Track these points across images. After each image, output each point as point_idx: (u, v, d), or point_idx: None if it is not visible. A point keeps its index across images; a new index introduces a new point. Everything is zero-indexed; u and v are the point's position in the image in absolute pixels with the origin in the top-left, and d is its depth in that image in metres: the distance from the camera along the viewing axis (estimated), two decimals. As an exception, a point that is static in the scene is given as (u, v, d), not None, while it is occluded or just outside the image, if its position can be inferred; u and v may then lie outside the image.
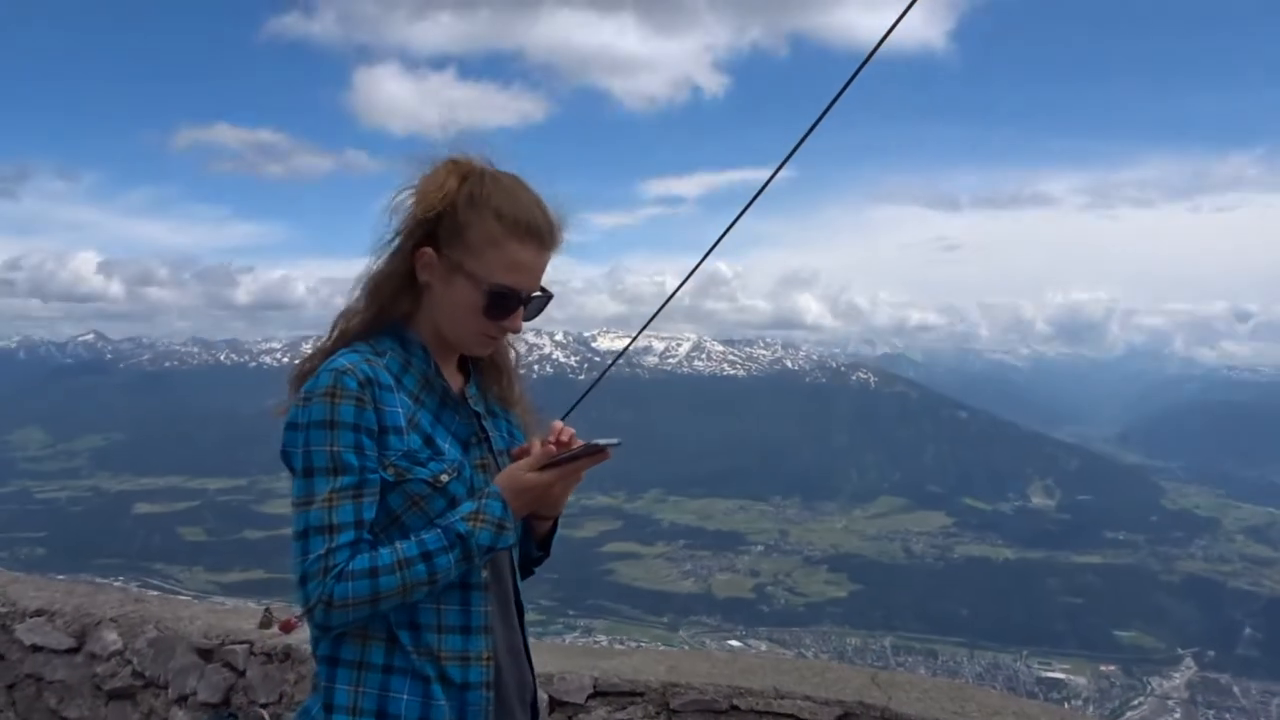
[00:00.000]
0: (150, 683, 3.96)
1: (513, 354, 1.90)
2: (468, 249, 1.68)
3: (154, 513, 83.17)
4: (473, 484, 1.69)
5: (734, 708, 3.15)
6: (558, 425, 1.73)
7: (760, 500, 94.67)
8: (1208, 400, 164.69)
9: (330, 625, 1.60)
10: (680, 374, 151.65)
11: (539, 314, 1.79)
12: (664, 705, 3.21)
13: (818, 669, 3.38)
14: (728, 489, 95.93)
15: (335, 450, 1.58)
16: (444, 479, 1.64)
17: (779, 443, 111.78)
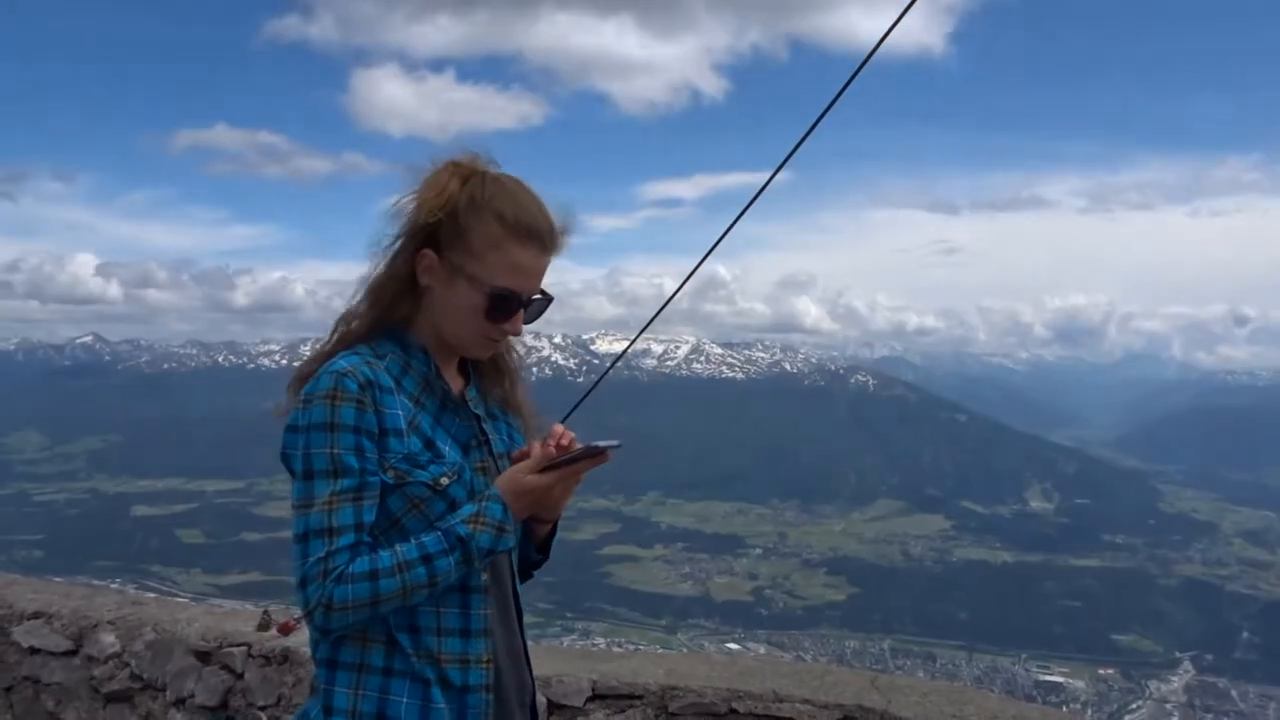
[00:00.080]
0: (148, 685, 3.96)
1: (515, 357, 1.90)
2: (469, 251, 1.68)
3: (152, 515, 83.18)
4: (473, 487, 1.69)
5: (733, 711, 3.14)
6: (558, 429, 1.73)
7: (759, 503, 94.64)
8: (1205, 404, 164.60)
9: (330, 628, 1.59)
10: (679, 376, 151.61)
11: (539, 317, 1.79)
12: (662, 708, 3.21)
13: (817, 672, 3.37)
14: (726, 492, 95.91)
15: (335, 453, 1.58)
16: (444, 482, 1.64)
17: (777, 445, 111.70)
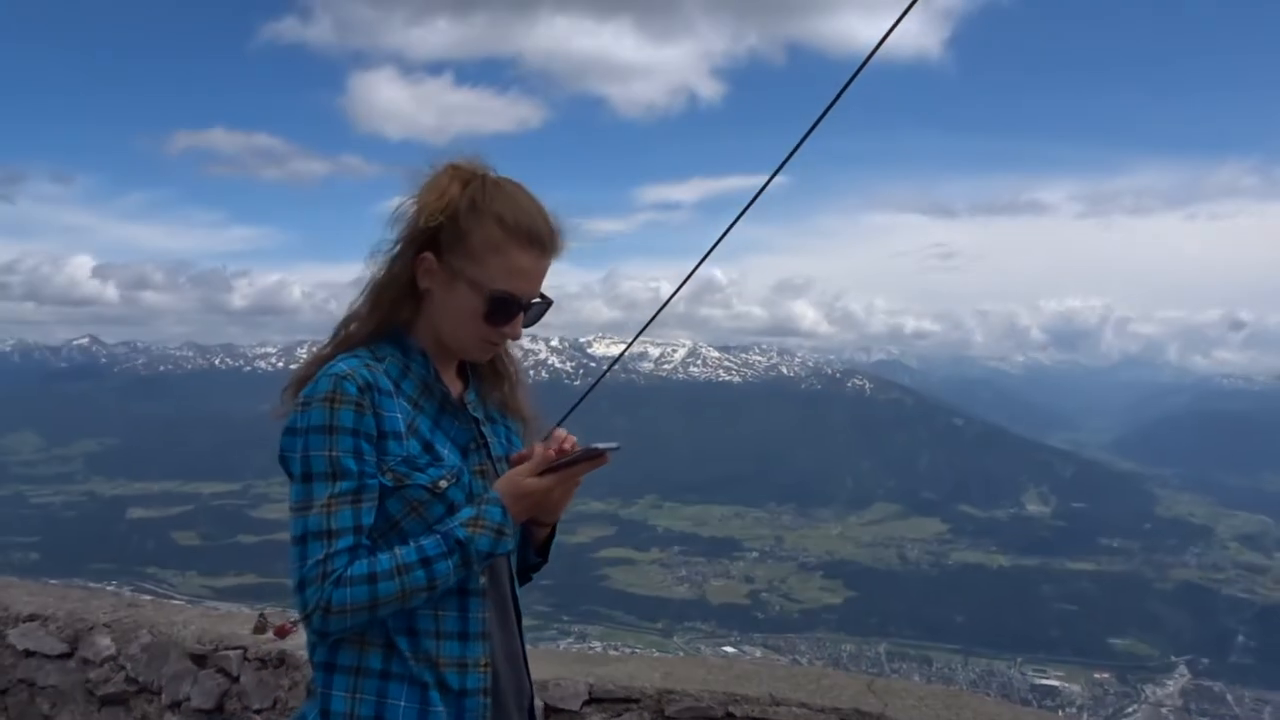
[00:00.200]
0: (143, 688, 3.95)
1: (514, 360, 1.90)
2: (469, 255, 1.68)
3: (148, 517, 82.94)
4: (471, 490, 1.69)
5: (729, 715, 3.14)
6: (560, 433, 1.73)
7: (755, 506, 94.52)
8: (1202, 408, 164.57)
9: (328, 631, 1.59)
10: (675, 380, 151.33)
11: (538, 320, 1.79)
12: (659, 712, 3.20)
13: (813, 676, 3.37)
14: (723, 495, 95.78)
15: (334, 455, 1.58)
16: (443, 485, 1.64)
17: (774, 449, 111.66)
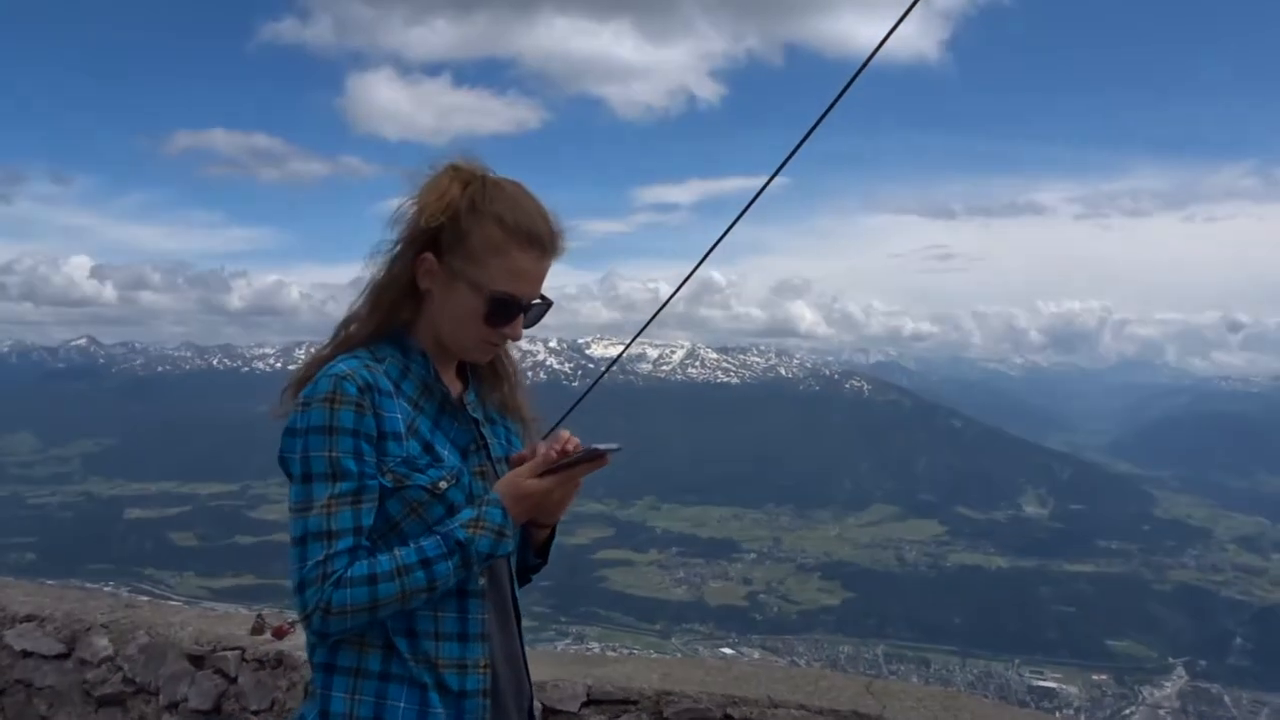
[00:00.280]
0: (141, 689, 3.94)
1: (513, 360, 1.89)
2: (469, 256, 1.68)
3: (145, 518, 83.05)
4: (471, 491, 1.68)
5: (728, 716, 3.13)
6: (564, 434, 1.72)
7: (753, 508, 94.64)
8: (1200, 410, 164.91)
9: (328, 632, 1.59)
10: (674, 381, 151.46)
11: (538, 321, 1.79)
12: (658, 714, 3.20)
13: (812, 677, 3.37)
14: (721, 496, 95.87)
15: (334, 456, 1.58)
16: (443, 486, 1.64)
17: (772, 450, 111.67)
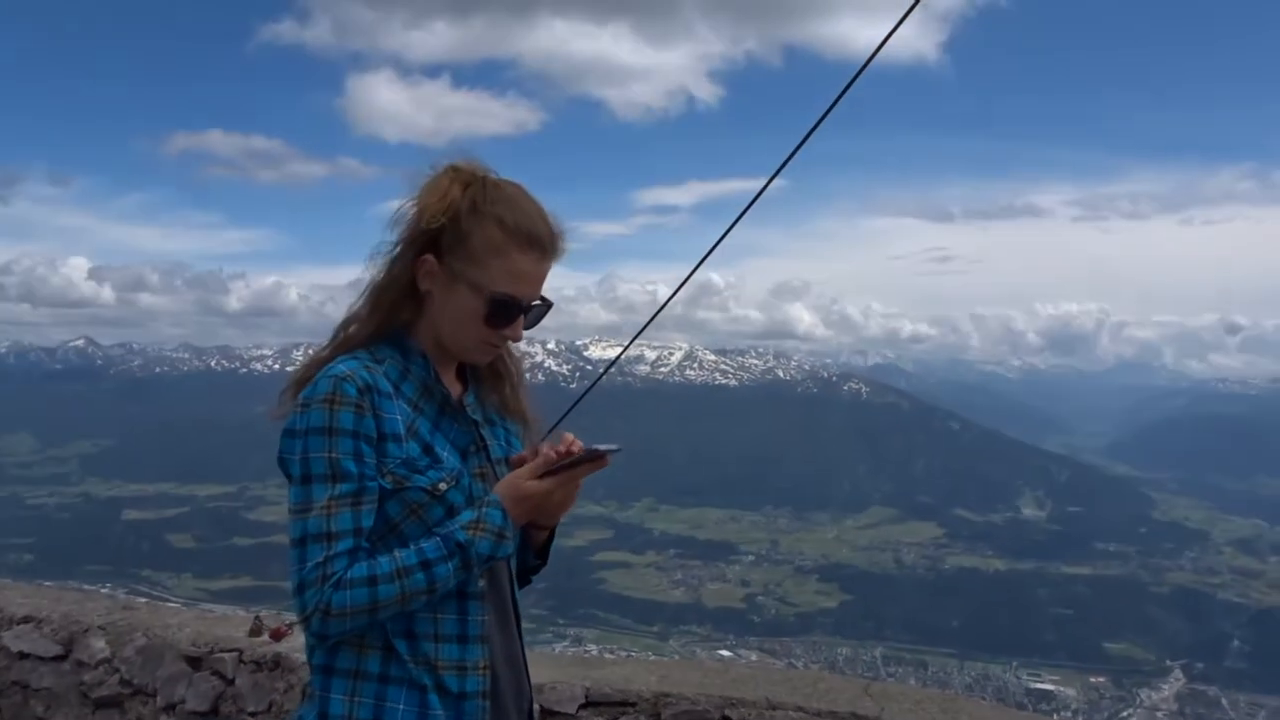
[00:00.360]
0: (138, 691, 3.94)
1: (514, 362, 1.89)
2: (470, 257, 1.68)
3: (143, 519, 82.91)
4: (471, 492, 1.68)
5: (726, 718, 3.14)
6: (568, 437, 1.71)
7: (751, 510, 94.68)
8: (1197, 413, 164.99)
9: (327, 634, 1.59)
10: (672, 383, 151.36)
11: (538, 323, 1.79)
12: (655, 716, 3.20)
13: (810, 680, 3.37)
14: (719, 498, 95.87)
15: (334, 457, 1.58)
16: (442, 487, 1.64)
17: (770, 452, 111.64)
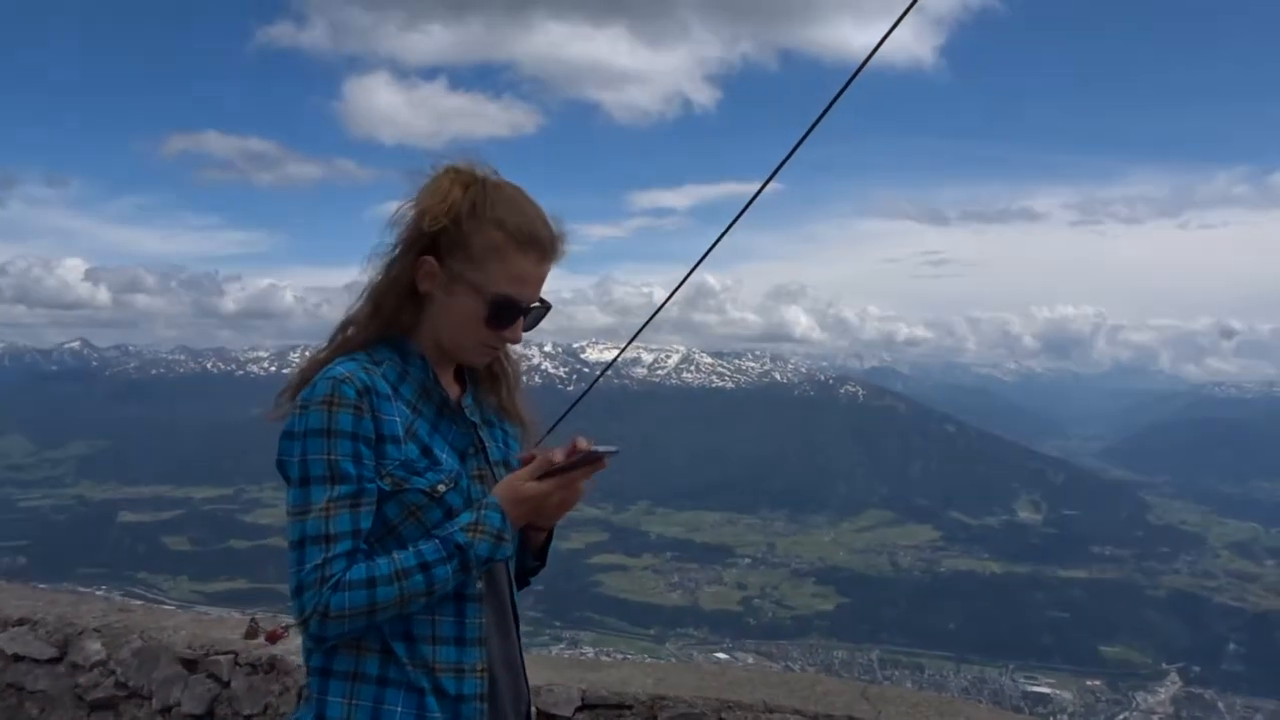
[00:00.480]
0: (134, 693, 3.93)
1: (512, 363, 1.89)
2: (470, 259, 1.68)
3: (138, 522, 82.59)
4: (470, 494, 1.68)
5: (723, 721, 3.13)
6: (582, 441, 1.69)
7: (748, 513, 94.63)
8: (1193, 416, 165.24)
9: (326, 636, 1.59)
10: (669, 385, 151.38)
11: (537, 324, 1.79)
12: (652, 718, 3.19)
13: (807, 682, 3.37)
14: (715, 501, 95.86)
15: (333, 459, 1.57)
16: (441, 489, 1.63)
17: (767, 455, 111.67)
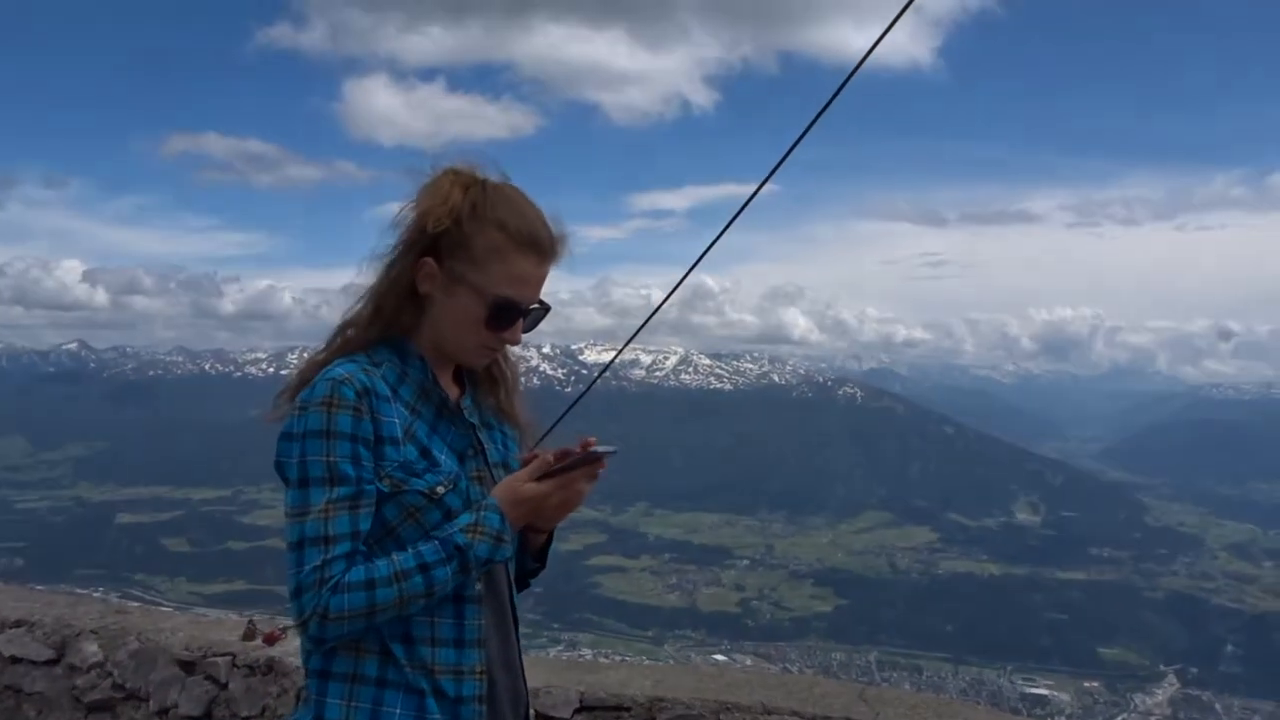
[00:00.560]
0: (131, 695, 3.93)
1: (511, 365, 1.89)
2: (470, 260, 1.68)
3: (136, 523, 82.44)
4: (468, 496, 1.68)
5: (721, 723, 3.13)
6: (592, 442, 1.70)
7: (746, 514, 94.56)
8: (1191, 418, 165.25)
9: (325, 638, 1.58)
10: (667, 387, 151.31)
11: (536, 326, 1.79)
12: (651, 720, 3.19)
13: (805, 684, 3.37)
14: (714, 503, 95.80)
15: (332, 460, 1.57)
16: (440, 491, 1.63)
17: (765, 457, 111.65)
